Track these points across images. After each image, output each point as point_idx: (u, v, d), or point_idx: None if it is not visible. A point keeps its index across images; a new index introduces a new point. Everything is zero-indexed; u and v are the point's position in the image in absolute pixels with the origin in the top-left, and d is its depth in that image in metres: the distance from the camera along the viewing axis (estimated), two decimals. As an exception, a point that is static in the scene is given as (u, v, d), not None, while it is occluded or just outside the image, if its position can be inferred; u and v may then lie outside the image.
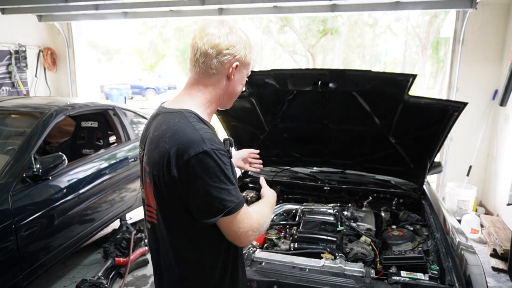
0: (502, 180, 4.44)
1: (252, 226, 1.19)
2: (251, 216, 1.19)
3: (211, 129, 1.21)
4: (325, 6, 4.81)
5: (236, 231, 1.15)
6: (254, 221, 1.20)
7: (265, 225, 1.27)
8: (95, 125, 4.08)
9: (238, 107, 2.53)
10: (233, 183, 1.14)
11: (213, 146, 1.10)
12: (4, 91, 6.12)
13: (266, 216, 1.31)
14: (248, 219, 1.18)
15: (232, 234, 1.16)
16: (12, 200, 2.45)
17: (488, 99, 4.78)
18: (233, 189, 1.13)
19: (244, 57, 1.24)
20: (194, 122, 1.15)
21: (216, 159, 1.10)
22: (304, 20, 16.27)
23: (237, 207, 1.13)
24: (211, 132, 1.17)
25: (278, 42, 20.05)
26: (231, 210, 1.11)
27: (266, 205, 1.38)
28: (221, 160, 1.11)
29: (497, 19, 4.61)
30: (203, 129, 1.14)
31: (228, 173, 1.12)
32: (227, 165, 1.13)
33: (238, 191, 1.16)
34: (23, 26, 6.31)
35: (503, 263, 3.55)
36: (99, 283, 2.98)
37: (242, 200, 1.16)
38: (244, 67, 1.27)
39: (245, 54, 1.24)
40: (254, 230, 1.19)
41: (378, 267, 1.84)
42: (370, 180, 2.77)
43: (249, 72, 1.31)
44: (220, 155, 1.11)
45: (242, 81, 1.29)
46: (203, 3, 4.87)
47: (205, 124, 1.19)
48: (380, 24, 19.53)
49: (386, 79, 2.10)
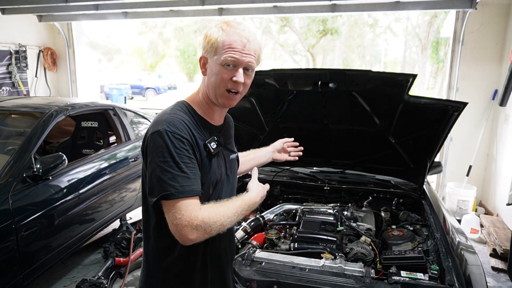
0: (502, 180, 4.44)
1: (192, 222, 1.10)
2: (196, 211, 1.12)
3: (199, 120, 1.25)
4: (325, 6, 4.81)
5: (172, 221, 1.11)
6: (199, 218, 1.11)
7: (219, 226, 1.15)
8: (95, 125, 4.08)
9: (238, 107, 2.51)
10: (182, 170, 1.13)
11: (168, 128, 1.15)
12: (4, 91, 6.12)
13: (227, 216, 1.18)
14: (189, 213, 1.10)
15: (169, 224, 1.12)
16: (12, 200, 2.45)
17: (488, 99, 4.78)
18: (180, 175, 1.12)
19: (205, 48, 1.24)
20: (175, 109, 1.24)
21: (167, 140, 1.13)
22: (304, 20, 16.26)
23: (177, 194, 1.10)
24: (183, 118, 1.20)
25: (278, 42, 20.03)
26: (169, 195, 1.10)
27: (236, 203, 1.24)
28: (172, 142, 1.13)
29: (497, 19, 4.61)
30: (175, 114, 1.21)
31: (177, 157, 1.13)
32: (180, 150, 1.14)
33: (188, 180, 1.13)
34: (23, 26, 6.31)
35: (503, 263, 3.55)
36: (99, 283, 2.98)
37: (188, 190, 1.12)
38: (210, 57, 1.24)
39: (206, 44, 1.24)
40: (194, 227, 1.10)
41: (378, 267, 1.84)
42: (370, 180, 2.77)
43: (221, 59, 1.20)
44: (174, 138, 1.14)
45: (213, 70, 1.23)
46: (203, 3, 4.88)
47: (192, 114, 1.25)
48: (380, 24, 19.51)
49: (386, 79, 2.11)
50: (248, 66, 1.24)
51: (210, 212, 1.15)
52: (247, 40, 1.22)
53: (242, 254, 1.81)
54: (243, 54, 1.21)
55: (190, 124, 1.21)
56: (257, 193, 1.35)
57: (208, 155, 1.24)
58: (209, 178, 1.25)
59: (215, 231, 1.15)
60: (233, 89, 1.24)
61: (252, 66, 1.25)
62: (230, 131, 1.49)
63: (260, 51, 1.29)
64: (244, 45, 1.21)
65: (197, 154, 1.20)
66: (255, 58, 1.26)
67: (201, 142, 1.23)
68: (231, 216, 1.19)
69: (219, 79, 1.22)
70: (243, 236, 2.01)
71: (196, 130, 1.23)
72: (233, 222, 1.21)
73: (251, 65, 1.25)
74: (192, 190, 1.14)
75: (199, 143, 1.22)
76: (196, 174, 1.17)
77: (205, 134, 1.27)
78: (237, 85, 1.23)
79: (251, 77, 1.29)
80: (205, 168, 1.23)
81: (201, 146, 1.23)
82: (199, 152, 1.21)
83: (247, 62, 1.23)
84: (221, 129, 1.37)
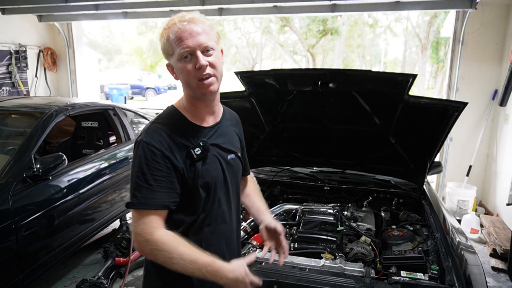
0: (502, 180, 4.44)
1: (143, 236, 1.12)
2: (151, 226, 1.12)
3: (185, 124, 1.24)
4: (325, 6, 4.81)
5: (131, 227, 1.18)
6: (152, 235, 1.11)
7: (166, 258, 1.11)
8: (95, 125, 4.08)
9: (238, 107, 2.52)
10: (148, 181, 1.14)
11: (145, 139, 1.17)
12: (4, 91, 6.12)
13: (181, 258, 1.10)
14: (144, 225, 1.12)
15: (131, 228, 1.19)
16: (12, 200, 2.45)
17: (488, 99, 4.78)
18: (144, 187, 1.14)
19: (165, 55, 1.23)
20: (162, 116, 1.27)
21: (140, 150, 1.17)
22: (304, 20, 16.26)
23: (137, 205, 1.15)
24: (165, 128, 1.20)
25: (278, 42, 20.04)
26: (131, 204, 1.16)
27: (203, 259, 1.12)
28: (145, 154, 1.15)
29: (497, 19, 4.61)
30: (158, 124, 1.22)
31: (145, 169, 1.15)
32: (151, 161, 1.15)
33: (151, 192, 1.13)
34: (23, 26, 6.31)
35: (503, 263, 3.55)
36: (99, 283, 2.98)
37: (149, 203, 1.13)
38: (171, 60, 1.22)
39: (162, 52, 1.22)
40: (143, 241, 1.12)
41: (378, 267, 1.84)
42: (370, 180, 2.77)
43: (178, 53, 1.17)
44: (147, 149, 1.16)
45: (179, 68, 1.20)
46: (203, 3, 4.87)
47: (177, 119, 1.25)
48: (380, 24, 19.52)
49: (386, 79, 2.11)
50: (204, 46, 1.17)
51: (167, 240, 1.12)
52: (188, 22, 1.17)
53: (242, 254, 1.81)
54: (193, 38, 1.15)
55: (173, 132, 1.20)
56: (234, 270, 1.16)
57: (192, 161, 1.21)
58: (196, 183, 1.22)
59: (160, 259, 1.12)
60: (203, 76, 1.17)
61: (209, 45, 1.18)
62: (230, 129, 1.41)
63: (211, 27, 1.22)
64: (188, 30, 1.16)
65: (176, 163, 1.18)
66: (207, 35, 1.18)
67: (184, 149, 1.20)
68: (185, 261, 1.11)
69: (186, 74, 1.19)
70: (243, 236, 2.01)
71: (181, 137, 1.21)
72: (185, 268, 1.11)
73: (207, 44, 1.18)
74: (153, 203, 1.14)
75: (180, 152, 1.19)
76: (165, 187, 1.16)
77: (193, 139, 1.23)
78: (203, 70, 1.17)
79: (216, 55, 1.21)
80: (191, 174, 1.21)
81: (182, 154, 1.20)
82: (179, 160, 1.18)
83: (200, 43, 1.16)
84: (214, 129, 1.31)
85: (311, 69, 5.36)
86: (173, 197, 1.19)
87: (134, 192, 1.16)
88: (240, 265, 1.20)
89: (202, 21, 1.20)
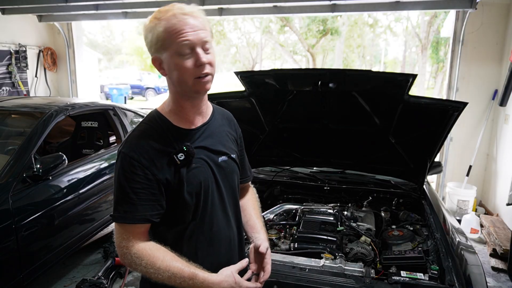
0: (502, 180, 4.44)
1: (122, 249, 1.11)
2: (130, 240, 1.11)
3: (168, 129, 1.17)
4: (325, 6, 4.81)
5: (115, 238, 1.14)
6: (130, 249, 1.10)
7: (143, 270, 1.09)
8: (95, 125, 4.08)
9: (238, 107, 2.53)
10: (128, 195, 1.10)
11: (125, 150, 1.13)
12: (4, 91, 6.12)
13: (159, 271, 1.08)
14: (123, 239, 1.11)
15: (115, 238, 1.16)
16: (12, 200, 2.45)
17: (488, 99, 4.78)
18: (124, 200, 1.11)
19: (151, 47, 1.11)
20: (144, 122, 1.20)
21: (119, 162, 1.13)
22: (304, 20, 16.25)
23: (118, 219, 1.13)
24: (146, 136, 1.14)
25: (278, 42, 20.03)
26: (112, 216, 1.14)
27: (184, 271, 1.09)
28: (123, 166, 1.11)
29: (497, 19, 4.61)
30: (139, 132, 1.17)
31: (125, 182, 1.10)
32: (130, 174, 1.10)
33: (131, 206, 1.10)
34: (23, 26, 6.31)
35: (503, 263, 3.55)
36: (99, 283, 2.98)
37: (128, 217, 1.11)
38: (161, 54, 1.10)
39: (150, 45, 1.11)
40: (122, 254, 1.12)
41: (378, 267, 1.84)
42: (370, 180, 2.77)
43: (175, 49, 1.07)
44: (126, 161, 1.11)
45: (170, 66, 1.10)
46: (203, 3, 4.87)
47: (160, 124, 1.18)
48: (380, 24, 19.52)
49: (386, 79, 2.11)
50: (205, 42, 1.09)
51: (143, 255, 1.09)
52: (189, 15, 1.07)
53: None
54: (194, 33, 1.06)
55: (154, 139, 1.14)
56: (220, 283, 1.11)
57: (176, 167, 1.14)
58: (182, 190, 1.15)
59: (141, 272, 1.11)
60: (201, 74, 1.10)
61: (208, 41, 1.10)
62: (221, 129, 1.31)
63: (208, 21, 1.13)
64: (189, 24, 1.06)
65: (157, 173, 1.12)
66: (206, 31, 1.10)
67: (163, 156, 1.13)
68: (162, 275, 1.08)
69: (183, 71, 1.09)
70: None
71: (163, 144, 1.14)
72: (164, 281, 1.09)
73: (207, 40, 1.10)
74: (133, 217, 1.11)
75: (161, 159, 1.13)
76: (146, 199, 1.11)
77: (176, 144, 1.16)
78: (203, 67, 1.09)
79: (212, 53, 1.13)
80: (175, 181, 1.15)
81: (163, 162, 1.13)
82: (162, 169, 1.12)
83: (202, 38, 1.08)
84: (201, 130, 1.23)
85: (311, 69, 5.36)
86: (156, 209, 1.13)
87: (115, 205, 1.13)
88: (229, 274, 1.13)
89: (201, 15, 1.11)
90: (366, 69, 2.10)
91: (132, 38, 26.47)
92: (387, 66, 24.19)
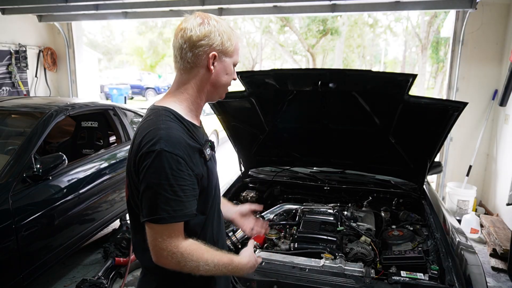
0: (502, 180, 4.44)
1: (171, 249, 1.09)
2: (178, 239, 1.10)
3: (189, 127, 1.18)
4: (325, 6, 4.81)
5: (152, 241, 1.10)
6: (179, 247, 1.10)
7: (193, 267, 1.12)
8: (95, 125, 4.08)
9: (238, 107, 2.53)
10: (177, 193, 1.08)
11: (166, 147, 1.08)
12: (4, 91, 6.12)
13: (207, 263, 1.14)
14: (171, 239, 1.09)
15: (149, 240, 1.11)
16: (12, 200, 2.45)
17: (488, 99, 4.78)
18: (173, 199, 1.08)
19: (222, 45, 1.19)
20: (164, 119, 1.15)
21: (164, 161, 1.07)
22: (304, 20, 16.26)
23: (168, 219, 1.08)
24: (179, 132, 1.13)
25: (278, 42, 20.04)
26: (159, 219, 1.07)
27: (223, 258, 1.18)
28: (170, 164, 1.07)
29: (497, 19, 4.61)
30: (170, 129, 1.12)
31: (173, 180, 1.07)
32: (177, 171, 1.08)
33: (180, 204, 1.09)
34: (23, 26, 6.31)
35: (502, 263, 3.55)
36: (99, 283, 2.98)
37: (179, 215, 1.09)
38: (225, 55, 1.22)
39: (222, 41, 1.19)
40: (170, 254, 1.09)
41: (378, 267, 1.84)
42: (370, 180, 2.77)
43: (236, 60, 1.27)
44: (171, 159, 1.07)
45: (227, 70, 1.24)
46: (203, 3, 4.88)
47: (181, 121, 1.17)
48: (380, 24, 19.54)
49: (386, 79, 2.11)
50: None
51: (193, 250, 1.12)
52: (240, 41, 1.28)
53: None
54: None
55: (185, 136, 1.15)
56: (248, 262, 1.29)
57: (205, 161, 1.20)
58: (210, 183, 1.23)
59: (187, 269, 1.12)
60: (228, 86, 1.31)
61: None
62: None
63: None
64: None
65: (195, 168, 1.14)
66: None
67: (195, 152, 1.16)
68: (210, 265, 1.14)
69: (226, 78, 1.25)
70: (243, 236, 2.01)
71: (190, 139, 1.17)
72: (209, 272, 1.15)
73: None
74: (184, 215, 1.11)
75: (194, 155, 1.16)
76: (191, 195, 1.13)
77: (197, 140, 1.20)
78: (230, 84, 1.30)
79: None
80: (205, 175, 1.19)
81: (196, 157, 1.16)
82: (195, 165, 1.15)
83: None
84: (202, 127, 1.33)
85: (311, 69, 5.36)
86: (196, 204, 1.16)
87: (161, 205, 1.07)
88: (251, 254, 1.32)
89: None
90: (366, 69, 2.11)
91: (132, 38, 26.48)
92: (387, 66, 24.21)
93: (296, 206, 2.45)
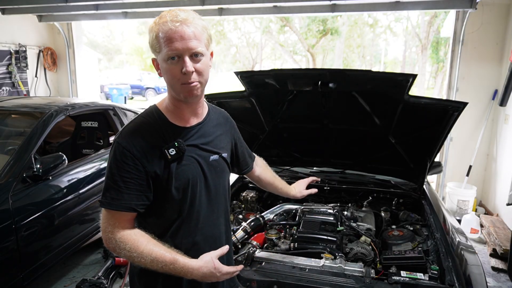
0: (502, 180, 4.44)
1: (107, 234, 1.16)
2: (115, 226, 1.16)
3: (164, 125, 1.22)
4: (325, 6, 4.81)
5: (101, 222, 1.19)
6: (114, 234, 1.15)
7: (127, 255, 1.14)
8: (95, 125, 4.08)
9: (238, 107, 2.53)
10: (117, 183, 1.15)
11: (119, 139, 1.18)
12: (4, 91, 6.12)
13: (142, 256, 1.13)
14: (108, 224, 1.16)
15: (101, 222, 1.20)
16: (12, 200, 2.45)
17: (488, 99, 4.78)
18: (112, 188, 1.16)
19: (152, 47, 1.17)
20: (141, 115, 1.25)
21: (113, 151, 1.18)
22: (304, 20, 16.27)
23: (105, 204, 1.16)
24: (141, 129, 1.20)
25: (278, 42, 20.04)
26: (100, 203, 1.18)
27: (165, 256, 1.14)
28: (115, 155, 1.16)
29: (497, 19, 4.61)
30: (135, 123, 1.22)
31: (115, 170, 1.15)
32: (121, 163, 1.15)
33: (118, 193, 1.15)
34: (23, 26, 6.31)
35: (503, 263, 3.55)
36: (99, 283, 2.97)
37: (115, 204, 1.15)
38: (157, 56, 1.17)
39: (151, 43, 1.16)
40: (107, 239, 1.17)
41: (378, 267, 1.84)
42: (370, 180, 2.77)
43: (167, 52, 1.12)
44: (118, 150, 1.16)
45: (164, 68, 1.16)
46: (203, 3, 4.88)
47: (157, 118, 1.23)
48: (380, 24, 19.53)
49: (386, 79, 2.11)
50: (193, 52, 1.13)
51: (128, 240, 1.15)
52: (181, 23, 1.10)
53: (242, 254, 1.81)
54: (183, 42, 1.10)
55: (149, 133, 1.19)
56: (200, 267, 1.16)
57: (166, 162, 1.19)
58: (169, 184, 1.20)
59: (123, 256, 1.17)
60: (187, 81, 1.15)
61: (198, 50, 1.14)
62: (215, 129, 1.36)
63: (205, 28, 1.17)
64: (179, 32, 1.10)
65: (147, 166, 1.17)
66: (198, 41, 1.13)
67: (155, 149, 1.18)
68: (146, 259, 1.14)
69: (170, 76, 1.15)
70: (243, 236, 2.01)
71: (157, 138, 1.19)
72: (147, 265, 1.14)
73: (197, 50, 1.13)
74: (119, 205, 1.15)
75: (153, 152, 1.17)
76: (134, 189, 1.16)
77: (170, 140, 1.20)
78: (188, 76, 1.13)
79: (204, 61, 1.17)
80: (165, 175, 1.19)
81: (155, 155, 1.18)
82: (152, 162, 1.17)
83: (190, 48, 1.12)
84: (195, 129, 1.28)
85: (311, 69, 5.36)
86: (142, 200, 1.18)
87: (104, 191, 1.18)
88: (209, 260, 1.19)
89: (196, 23, 1.14)
90: (366, 69, 2.10)
91: (132, 38, 26.49)
92: (387, 66, 24.19)
93: (296, 206, 2.45)
